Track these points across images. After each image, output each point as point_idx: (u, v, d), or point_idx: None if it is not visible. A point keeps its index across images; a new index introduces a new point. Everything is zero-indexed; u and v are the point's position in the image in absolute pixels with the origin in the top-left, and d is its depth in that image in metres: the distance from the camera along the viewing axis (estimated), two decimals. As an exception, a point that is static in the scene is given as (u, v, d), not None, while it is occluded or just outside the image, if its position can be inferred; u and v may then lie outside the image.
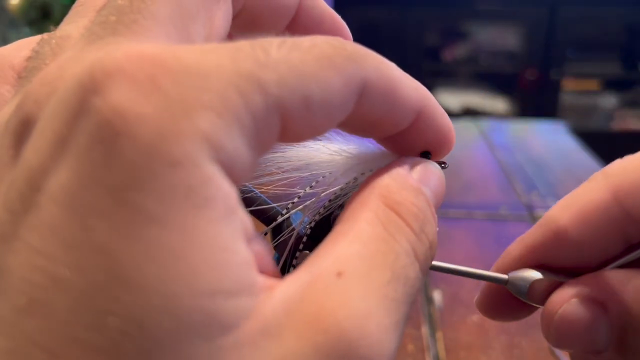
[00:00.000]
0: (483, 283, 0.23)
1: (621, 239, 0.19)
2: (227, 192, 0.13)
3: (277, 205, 0.22)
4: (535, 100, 2.56)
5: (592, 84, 2.55)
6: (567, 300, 0.19)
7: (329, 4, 0.22)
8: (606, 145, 2.00)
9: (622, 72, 2.53)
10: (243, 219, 0.14)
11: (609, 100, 2.54)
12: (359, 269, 0.14)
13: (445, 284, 0.68)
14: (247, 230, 0.14)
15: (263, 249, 0.15)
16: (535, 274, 0.20)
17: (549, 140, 1.27)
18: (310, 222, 0.21)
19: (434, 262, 0.21)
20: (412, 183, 0.17)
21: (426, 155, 0.22)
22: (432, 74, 2.71)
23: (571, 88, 2.56)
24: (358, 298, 0.13)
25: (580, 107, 2.57)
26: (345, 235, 0.15)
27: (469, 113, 2.46)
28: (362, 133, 0.18)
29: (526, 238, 0.21)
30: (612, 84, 2.55)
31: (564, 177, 1.04)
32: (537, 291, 0.20)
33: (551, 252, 0.20)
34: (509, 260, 0.21)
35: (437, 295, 0.66)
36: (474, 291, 0.71)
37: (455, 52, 2.65)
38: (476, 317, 0.62)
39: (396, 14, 2.57)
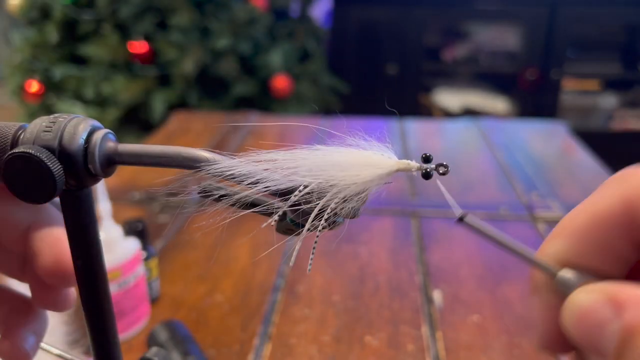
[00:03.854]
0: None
1: (632, 247, 0.19)
2: None
3: (278, 202, 0.22)
4: (535, 100, 2.56)
5: (592, 84, 2.55)
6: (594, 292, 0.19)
7: (329, 4, 0.22)
8: (606, 145, 2.00)
9: (622, 72, 2.53)
10: None
11: (609, 100, 2.54)
12: None
13: (445, 284, 0.68)
14: None
15: None
16: (584, 275, 0.19)
17: (549, 140, 1.27)
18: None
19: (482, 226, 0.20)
20: None
21: (427, 159, 0.22)
22: (432, 74, 2.71)
23: (571, 88, 2.56)
24: None
25: (580, 107, 2.57)
26: None
27: (469, 113, 2.46)
28: None
29: (559, 235, 0.21)
30: (612, 84, 2.55)
31: (563, 177, 1.04)
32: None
33: (575, 257, 0.20)
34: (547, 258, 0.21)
35: (437, 295, 0.66)
36: (474, 291, 0.71)
37: (455, 52, 2.65)
38: (476, 317, 0.62)
39: (396, 14, 2.57)
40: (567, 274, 0.19)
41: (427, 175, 0.22)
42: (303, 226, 0.22)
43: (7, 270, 0.28)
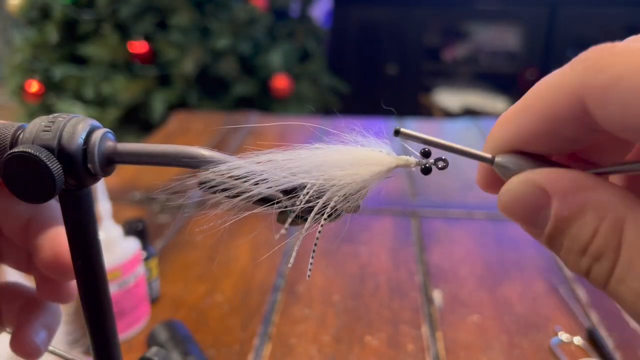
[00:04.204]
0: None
1: (585, 129, 0.20)
2: None
3: (282, 201, 0.22)
4: (535, 100, 2.55)
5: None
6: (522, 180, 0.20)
7: (329, 4, 0.22)
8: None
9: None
10: None
11: (609, 100, 2.53)
12: None
13: (445, 284, 0.68)
14: None
15: None
16: (520, 159, 0.21)
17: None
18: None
19: (413, 132, 0.21)
20: None
21: (427, 154, 0.22)
22: (432, 74, 2.71)
23: (571, 88, 2.55)
24: None
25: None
26: None
27: (469, 113, 2.46)
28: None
29: (506, 122, 0.22)
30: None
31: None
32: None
33: (529, 138, 0.21)
34: (493, 143, 0.22)
35: (437, 295, 0.66)
36: (474, 291, 0.71)
37: (455, 52, 2.65)
38: (476, 317, 0.62)
39: (396, 14, 2.57)
40: (503, 159, 0.21)
41: (426, 170, 0.22)
42: (305, 219, 0.22)
43: (16, 263, 0.28)
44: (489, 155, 0.21)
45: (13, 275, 0.30)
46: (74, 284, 0.27)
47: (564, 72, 0.19)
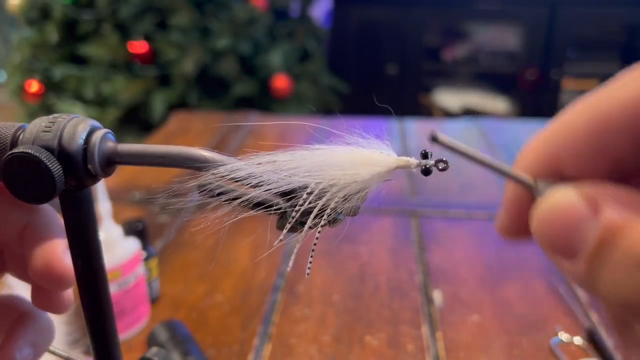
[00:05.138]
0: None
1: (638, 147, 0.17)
2: None
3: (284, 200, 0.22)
4: (535, 100, 2.56)
5: (592, 84, 2.55)
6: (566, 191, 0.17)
7: (329, 4, 0.22)
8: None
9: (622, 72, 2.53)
10: None
11: (609, 100, 2.54)
12: None
13: (445, 284, 0.68)
14: None
15: None
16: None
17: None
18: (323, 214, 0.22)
19: (454, 143, 0.19)
20: None
21: (426, 155, 0.22)
22: (432, 74, 2.71)
23: (571, 88, 2.56)
24: None
25: (580, 107, 2.56)
26: None
27: (469, 113, 2.46)
28: None
29: (544, 140, 0.19)
30: (612, 84, 2.54)
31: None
32: None
33: (572, 158, 0.18)
34: (526, 163, 0.19)
35: (437, 295, 0.66)
36: (474, 291, 0.71)
37: (455, 52, 2.65)
38: (476, 317, 0.62)
39: (396, 14, 2.57)
40: (546, 185, 0.18)
41: (426, 172, 0.22)
42: (304, 224, 0.22)
43: (18, 272, 0.28)
44: (529, 179, 0.19)
45: (19, 287, 0.30)
46: (68, 293, 0.27)
47: (613, 85, 0.17)
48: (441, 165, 0.22)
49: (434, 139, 0.19)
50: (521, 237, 0.20)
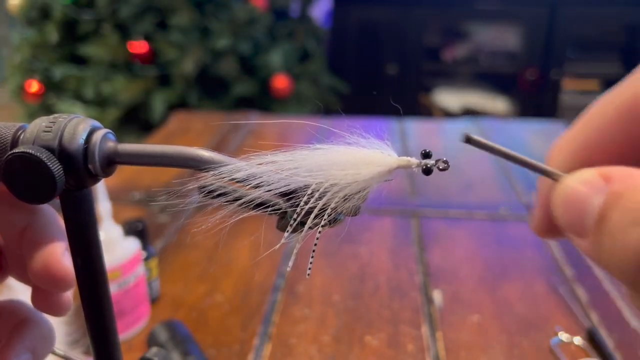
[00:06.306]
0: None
1: None
2: None
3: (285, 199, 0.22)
4: (535, 100, 2.56)
5: (592, 84, 2.55)
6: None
7: (329, 4, 0.22)
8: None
9: (622, 72, 2.51)
10: None
11: (609, 100, 2.53)
12: None
13: (445, 284, 0.68)
14: None
15: None
16: None
17: (549, 140, 1.27)
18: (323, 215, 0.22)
19: (482, 140, 0.19)
20: None
21: (427, 155, 0.22)
22: (432, 74, 2.71)
23: (571, 88, 2.56)
24: None
25: (580, 107, 2.52)
26: None
27: (469, 113, 2.46)
28: None
29: (574, 134, 0.20)
30: (612, 84, 2.53)
31: (564, 177, 1.04)
32: None
33: (599, 147, 0.19)
34: (559, 158, 0.20)
35: (437, 295, 0.66)
36: (474, 291, 0.71)
37: (455, 52, 2.65)
38: (476, 317, 0.62)
39: (396, 14, 2.57)
40: None
41: (427, 171, 0.22)
42: (304, 224, 0.22)
43: (19, 274, 0.28)
44: (560, 173, 0.19)
45: (23, 292, 0.30)
46: (67, 295, 0.27)
47: (637, 74, 0.18)
48: (442, 165, 0.22)
49: (468, 140, 0.19)
50: (556, 235, 0.20)
